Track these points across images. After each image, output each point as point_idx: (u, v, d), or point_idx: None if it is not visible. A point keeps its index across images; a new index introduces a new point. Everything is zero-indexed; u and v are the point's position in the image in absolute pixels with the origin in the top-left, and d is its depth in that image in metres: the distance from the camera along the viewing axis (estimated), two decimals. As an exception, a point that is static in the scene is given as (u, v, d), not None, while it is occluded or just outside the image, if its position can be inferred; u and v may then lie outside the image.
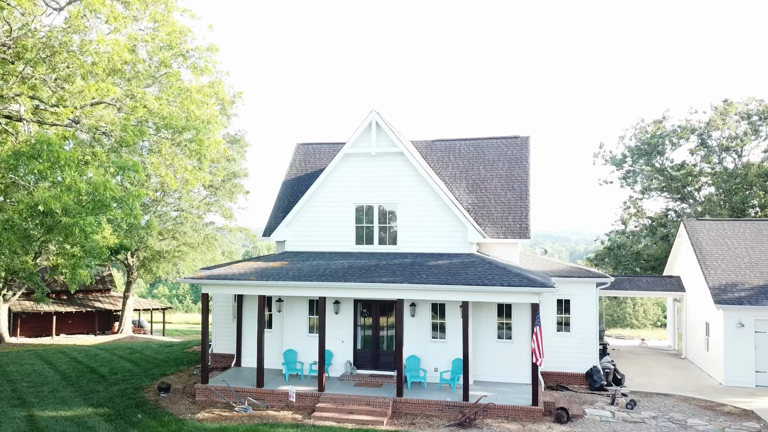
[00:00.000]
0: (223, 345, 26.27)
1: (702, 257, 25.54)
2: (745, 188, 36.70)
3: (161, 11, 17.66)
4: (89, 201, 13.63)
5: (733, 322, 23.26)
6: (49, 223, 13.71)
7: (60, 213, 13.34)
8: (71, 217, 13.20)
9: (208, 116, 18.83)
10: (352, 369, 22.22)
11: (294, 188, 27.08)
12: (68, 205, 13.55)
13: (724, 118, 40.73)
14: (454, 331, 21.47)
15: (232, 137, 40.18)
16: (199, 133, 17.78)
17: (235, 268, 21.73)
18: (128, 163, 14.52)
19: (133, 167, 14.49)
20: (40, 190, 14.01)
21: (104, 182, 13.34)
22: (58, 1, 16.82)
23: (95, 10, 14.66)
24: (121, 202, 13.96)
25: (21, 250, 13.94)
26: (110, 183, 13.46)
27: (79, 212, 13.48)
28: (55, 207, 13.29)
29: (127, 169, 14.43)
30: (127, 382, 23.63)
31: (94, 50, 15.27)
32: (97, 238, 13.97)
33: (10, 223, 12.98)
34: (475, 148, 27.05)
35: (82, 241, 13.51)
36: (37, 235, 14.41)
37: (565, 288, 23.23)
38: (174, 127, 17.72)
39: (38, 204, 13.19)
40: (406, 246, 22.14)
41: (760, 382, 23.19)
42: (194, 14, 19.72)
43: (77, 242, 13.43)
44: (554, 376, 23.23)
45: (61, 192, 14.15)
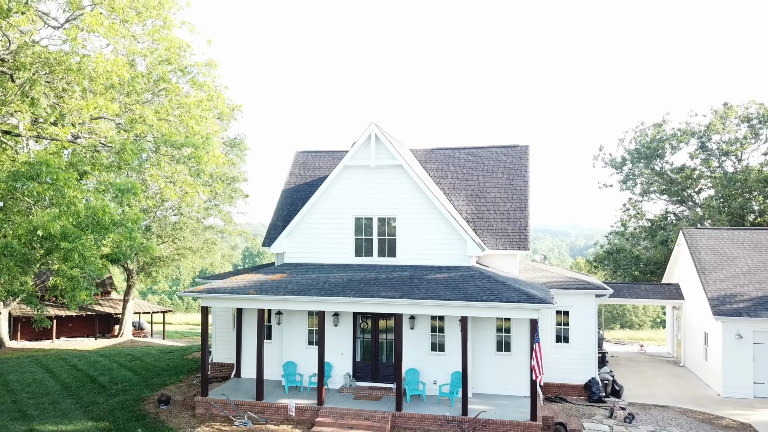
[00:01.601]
0: (223, 354, 26.35)
1: (701, 267, 25.56)
2: (744, 193, 36.69)
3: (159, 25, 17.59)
4: (88, 224, 13.64)
5: (731, 333, 23.31)
6: (49, 246, 13.72)
7: (59, 237, 13.34)
8: (70, 241, 13.21)
9: (207, 132, 18.81)
10: (351, 381, 22.28)
11: (293, 197, 27.07)
12: (67, 228, 13.55)
13: (723, 122, 40.67)
14: (453, 344, 21.51)
15: (232, 141, 40.13)
16: (197, 149, 17.77)
17: (234, 280, 21.76)
18: (127, 185, 14.52)
19: (132, 190, 14.50)
20: (39, 214, 14.00)
21: (103, 206, 13.35)
22: (56, 18, 16.78)
23: (93, 30, 14.60)
24: (120, 225, 13.97)
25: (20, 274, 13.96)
26: (109, 207, 13.48)
27: (78, 236, 13.49)
28: (54, 231, 13.30)
29: (126, 192, 14.43)
30: (127, 393, 23.69)
31: (93, 69, 15.22)
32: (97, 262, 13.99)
33: (9, 249, 13.00)
34: (474, 157, 27.02)
35: (81, 264, 13.53)
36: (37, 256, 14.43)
37: (564, 299, 23.27)
38: (173, 144, 17.72)
39: (37, 228, 13.20)
40: (405, 258, 22.15)
41: (759, 393, 23.25)
42: (193, 28, 19.67)
43: (76, 266, 13.45)
44: (553, 387, 23.30)
45: (60, 213, 14.16)
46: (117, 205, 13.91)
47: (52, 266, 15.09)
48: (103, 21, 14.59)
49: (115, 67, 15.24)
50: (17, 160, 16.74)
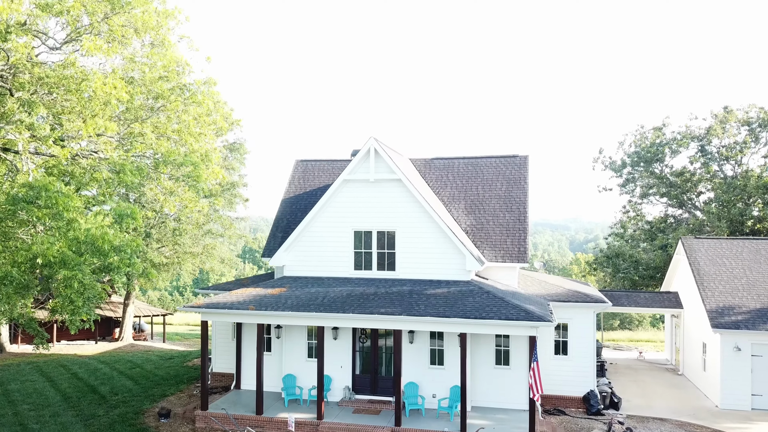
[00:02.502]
0: (223, 364, 26.43)
1: (700, 278, 25.60)
2: (743, 200, 36.69)
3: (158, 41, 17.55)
4: (87, 249, 13.66)
5: (729, 345, 23.38)
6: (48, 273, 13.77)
7: (59, 264, 13.37)
8: (70, 269, 13.24)
9: (205, 150, 18.80)
10: (350, 394, 22.37)
11: (293, 207, 27.09)
12: (67, 255, 13.58)
13: (723, 126, 40.61)
14: (452, 358, 21.58)
15: (231, 145, 40.12)
16: (196, 167, 17.77)
17: (234, 294, 21.80)
18: (126, 210, 14.54)
19: (131, 215, 14.52)
20: (38, 239, 14.02)
21: (102, 234, 13.37)
22: (55, 39, 16.74)
23: (90, 54, 14.57)
24: (119, 250, 14.00)
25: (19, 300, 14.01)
26: (108, 235, 13.49)
27: (78, 263, 13.52)
28: (54, 258, 13.32)
29: (126, 217, 14.45)
30: (128, 405, 23.79)
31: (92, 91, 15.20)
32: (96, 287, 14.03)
33: (9, 277, 13.03)
34: (473, 167, 27.02)
35: (81, 290, 13.57)
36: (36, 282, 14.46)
37: (563, 312, 23.33)
38: (172, 162, 17.73)
39: (37, 256, 13.22)
40: (404, 272, 22.19)
41: (756, 405, 23.35)
42: (192, 44, 19.65)
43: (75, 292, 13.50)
44: (552, 399, 23.39)
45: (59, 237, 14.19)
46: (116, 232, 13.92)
47: (52, 291, 15.12)
48: (102, 45, 14.56)
49: (114, 90, 15.22)
50: (17, 181, 16.74)
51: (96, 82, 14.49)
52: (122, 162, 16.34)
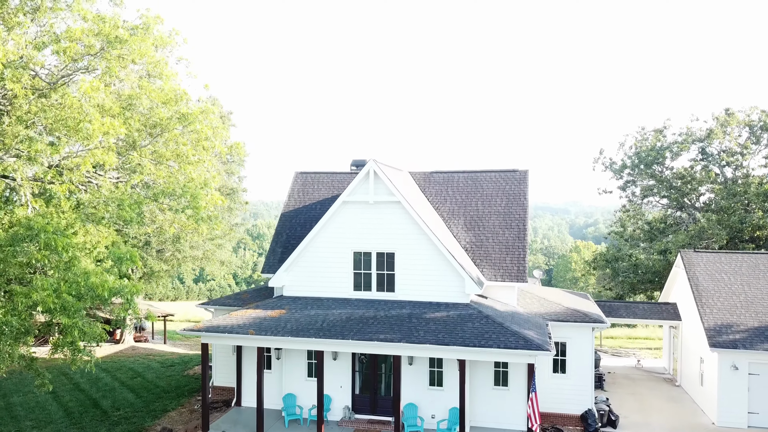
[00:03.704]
0: (224, 378, 26.63)
1: (698, 294, 25.66)
2: (743, 207, 36.67)
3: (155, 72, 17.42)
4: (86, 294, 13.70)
5: (727, 364, 23.51)
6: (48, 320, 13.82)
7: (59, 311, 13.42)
8: (70, 316, 13.30)
9: (204, 179, 18.76)
10: (350, 414, 22.56)
11: (292, 221, 27.08)
12: (67, 301, 13.61)
13: (725, 129, 40.43)
14: (451, 380, 21.73)
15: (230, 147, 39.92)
16: (195, 199, 17.74)
17: (234, 317, 21.88)
18: (125, 254, 14.54)
19: (130, 258, 14.53)
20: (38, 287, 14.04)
21: (102, 282, 13.39)
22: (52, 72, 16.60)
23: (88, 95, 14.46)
24: (118, 294, 14.04)
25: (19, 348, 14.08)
26: (108, 283, 13.51)
27: (78, 309, 13.56)
28: (54, 306, 13.36)
29: (124, 260, 14.47)
30: (129, 422, 24.00)
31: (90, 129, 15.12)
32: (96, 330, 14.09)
33: (8, 326, 13.08)
34: (473, 182, 26.95)
35: (81, 336, 13.64)
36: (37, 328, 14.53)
37: (561, 331, 23.43)
38: (171, 194, 17.71)
39: (37, 304, 13.26)
40: (404, 294, 22.25)
41: (753, 423, 23.54)
42: (190, 67, 19.51)
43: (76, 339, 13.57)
44: (550, 417, 23.59)
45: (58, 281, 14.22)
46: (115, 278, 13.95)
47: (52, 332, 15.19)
48: (99, 86, 14.45)
49: (113, 128, 15.14)
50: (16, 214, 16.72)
51: (94, 123, 14.40)
52: (121, 197, 16.30)
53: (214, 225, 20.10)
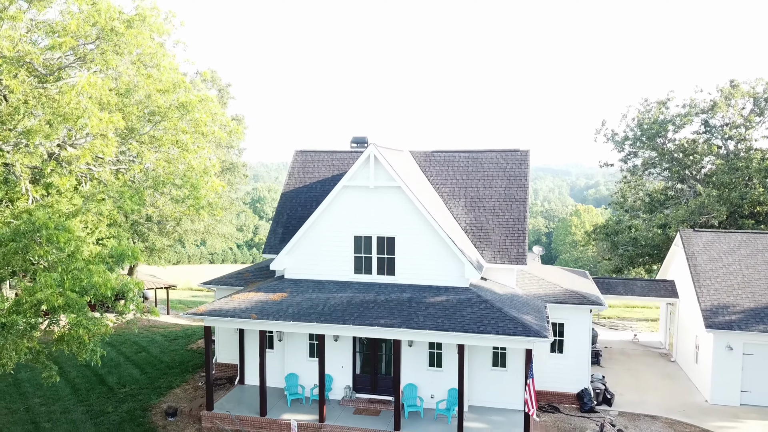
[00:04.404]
0: (227, 355, 27.12)
1: (696, 275, 25.88)
2: (744, 183, 36.59)
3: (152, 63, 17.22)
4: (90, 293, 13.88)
5: (722, 344, 23.89)
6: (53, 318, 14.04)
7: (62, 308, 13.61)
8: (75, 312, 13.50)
9: (204, 166, 18.73)
10: (351, 393, 23.04)
11: (293, 201, 27.10)
12: (70, 299, 13.79)
13: (729, 102, 40.04)
14: (450, 361, 22.12)
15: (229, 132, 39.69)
16: (195, 189, 17.76)
17: (236, 300, 22.14)
18: (127, 251, 14.65)
19: (132, 255, 14.65)
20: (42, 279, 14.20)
21: (105, 281, 13.53)
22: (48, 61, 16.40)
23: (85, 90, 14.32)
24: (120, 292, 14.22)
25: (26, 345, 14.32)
26: (111, 282, 13.66)
27: (82, 306, 13.75)
28: (57, 303, 13.55)
29: (126, 257, 14.60)
30: (135, 399, 24.54)
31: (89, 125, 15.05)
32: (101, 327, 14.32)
33: (14, 327, 13.29)
34: (474, 162, 26.86)
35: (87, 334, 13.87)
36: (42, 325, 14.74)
37: (559, 313, 23.75)
38: (171, 183, 17.72)
39: (41, 303, 13.44)
40: (404, 277, 22.44)
41: (745, 401, 24.06)
42: (188, 58, 19.29)
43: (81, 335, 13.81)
44: (547, 395, 24.10)
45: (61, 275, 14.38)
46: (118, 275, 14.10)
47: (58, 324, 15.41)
48: (97, 81, 14.30)
49: (111, 123, 15.06)
50: (17, 207, 16.78)
51: (93, 120, 14.31)
52: (121, 189, 16.32)
53: (215, 211, 20.14)
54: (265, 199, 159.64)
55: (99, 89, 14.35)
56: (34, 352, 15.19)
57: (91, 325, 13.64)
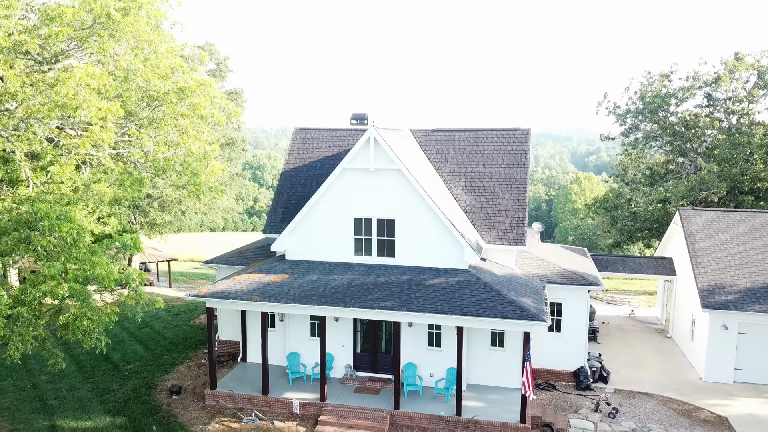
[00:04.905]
0: (229, 332, 27.53)
1: (694, 254, 26.06)
2: (745, 158, 36.48)
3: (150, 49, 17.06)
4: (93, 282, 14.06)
5: (717, 324, 24.22)
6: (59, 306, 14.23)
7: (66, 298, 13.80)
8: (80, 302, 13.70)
9: (204, 151, 18.72)
10: (352, 372, 23.46)
11: (293, 180, 27.10)
12: (74, 289, 13.97)
13: (733, 75, 39.62)
14: (449, 340, 22.46)
15: (229, 93, 39.42)
16: (195, 176, 17.79)
17: (237, 282, 22.35)
18: (128, 242, 14.76)
19: (134, 245, 14.77)
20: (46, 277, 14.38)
21: (108, 275, 13.68)
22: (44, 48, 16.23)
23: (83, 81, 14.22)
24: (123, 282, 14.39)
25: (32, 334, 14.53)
26: (114, 274, 13.80)
27: (86, 296, 13.93)
28: (62, 294, 13.73)
29: (128, 247, 14.72)
30: (140, 376, 25.00)
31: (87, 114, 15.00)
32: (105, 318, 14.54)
33: (21, 319, 13.48)
34: (474, 141, 26.78)
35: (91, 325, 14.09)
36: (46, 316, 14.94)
37: (557, 293, 24.02)
38: (172, 169, 17.74)
39: (47, 294, 13.61)
40: (404, 259, 22.61)
41: (738, 378, 24.51)
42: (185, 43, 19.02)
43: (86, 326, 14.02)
44: (544, 373, 24.54)
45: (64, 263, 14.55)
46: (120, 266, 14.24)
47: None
48: (95, 71, 14.18)
49: (110, 112, 15.00)
50: (18, 194, 16.83)
51: (92, 111, 14.25)
52: (122, 177, 16.35)
53: (216, 195, 20.18)
54: (265, 167, 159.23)
55: (98, 79, 14.24)
56: (40, 340, 15.44)
57: (95, 315, 13.85)
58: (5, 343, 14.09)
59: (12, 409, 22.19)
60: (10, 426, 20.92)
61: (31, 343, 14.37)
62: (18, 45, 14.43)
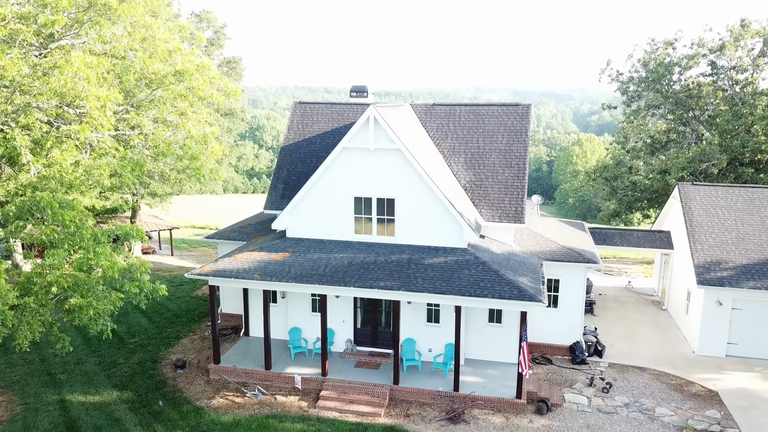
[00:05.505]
0: (232, 305, 27.99)
1: (691, 230, 26.26)
2: (747, 130, 36.29)
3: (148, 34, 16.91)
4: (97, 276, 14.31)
5: (712, 299, 24.59)
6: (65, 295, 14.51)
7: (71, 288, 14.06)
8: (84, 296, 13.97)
9: (204, 134, 18.73)
10: (352, 346, 23.98)
11: (292, 155, 27.10)
12: (79, 279, 14.22)
13: (738, 42, 39.09)
14: (447, 317, 22.88)
15: (227, 61, 38.99)
16: (195, 159, 17.86)
17: (239, 260, 22.63)
18: (131, 231, 14.95)
19: (137, 234, 14.96)
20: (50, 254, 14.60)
21: (112, 265, 13.91)
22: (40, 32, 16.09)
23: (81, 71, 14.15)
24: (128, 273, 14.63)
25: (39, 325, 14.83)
26: (118, 265, 14.03)
27: (91, 286, 14.20)
28: (67, 284, 14.00)
29: (130, 236, 14.91)
30: (145, 350, 25.55)
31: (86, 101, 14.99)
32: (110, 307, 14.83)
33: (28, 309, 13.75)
34: (475, 116, 26.67)
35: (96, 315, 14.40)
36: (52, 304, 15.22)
37: (555, 269, 24.33)
38: (172, 154, 17.81)
39: (52, 284, 13.87)
40: (403, 238, 22.81)
41: (730, 352, 25.04)
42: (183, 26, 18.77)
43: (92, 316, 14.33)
44: (540, 347, 25.07)
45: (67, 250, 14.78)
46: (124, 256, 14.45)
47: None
48: (93, 60, 14.10)
49: (109, 100, 14.98)
50: (19, 180, 16.94)
51: (91, 100, 14.24)
52: (122, 163, 16.44)
53: (216, 176, 20.27)
54: (264, 128, 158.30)
55: (96, 68, 14.18)
56: (47, 325, 15.78)
57: (101, 304, 14.14)
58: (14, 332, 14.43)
59: (21, 383, 22.78)
60: (20, 400, 21.53)
61: (39, 331, 14.70)
62: (14, 33, 14.31)
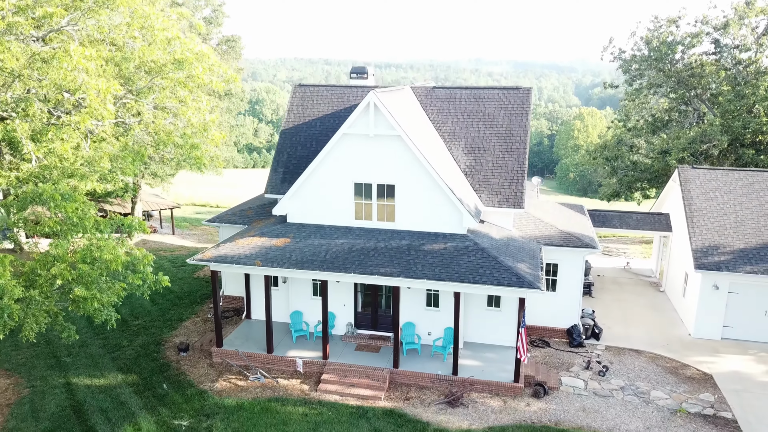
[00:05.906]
0: (233, 287, 28.28)
1: (690, 214, 26.38)
2: (748, 110, 36.11)
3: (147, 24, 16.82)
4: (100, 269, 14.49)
5: (709, 283, 24.83)
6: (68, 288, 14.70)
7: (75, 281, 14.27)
8: (88, 288, 14.17)
9: (204, 122, 18.75)
10: (353, 330, 24.31)
11: (292, 139, 27.09)
12: (83, 271, 14.42)
13: (743, 21, 38.67)
14: (446, 301, 23.15)
15: (226, 40, 38.67)
16: (196, 148, 17.92)
17: (240, 246, 22.80)
18: (134, 223, 15.09)
19: (140, 227, 15.10)
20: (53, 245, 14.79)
21: (115, 258, 14.07)
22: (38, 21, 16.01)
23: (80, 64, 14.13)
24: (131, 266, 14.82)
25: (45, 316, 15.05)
26: (120, 258, 14.19)
27: (95, 279, 14.40)
28: (71, 277, 14.19)
29: (133, 229, 15.05)
30: (148, 332, 25.90)
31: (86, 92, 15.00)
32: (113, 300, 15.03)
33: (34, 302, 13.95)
34: (475, 99, 26.59)
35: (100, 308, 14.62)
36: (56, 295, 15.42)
37: (554, 254, 24.53)
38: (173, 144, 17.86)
39: (56, 277, 14.07)
40: (403, 223, 22.95)
41: (725, 335, 25.38)
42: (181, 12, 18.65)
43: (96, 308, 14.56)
44: (539, 329, 25.40)
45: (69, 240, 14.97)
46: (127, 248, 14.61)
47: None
48: (91, 53, 14.06)
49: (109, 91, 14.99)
50: (21, 170, 17.02)
51: (90, 93, 14.25)
52: (122, 154, 16.51)
53: (217, 164, 20.34)
54: (264, 101, 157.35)
55: (95, 60, 14.15)
56: (52, 315, 16.02)
57: (104, 297, 14.35)
58: (20, 324, 14.67)
59: (28, 365, 23.16)
60: (27, 383, 21.92)
61: (45, 322, 14.94)
62: (11, 26, 14.25)
